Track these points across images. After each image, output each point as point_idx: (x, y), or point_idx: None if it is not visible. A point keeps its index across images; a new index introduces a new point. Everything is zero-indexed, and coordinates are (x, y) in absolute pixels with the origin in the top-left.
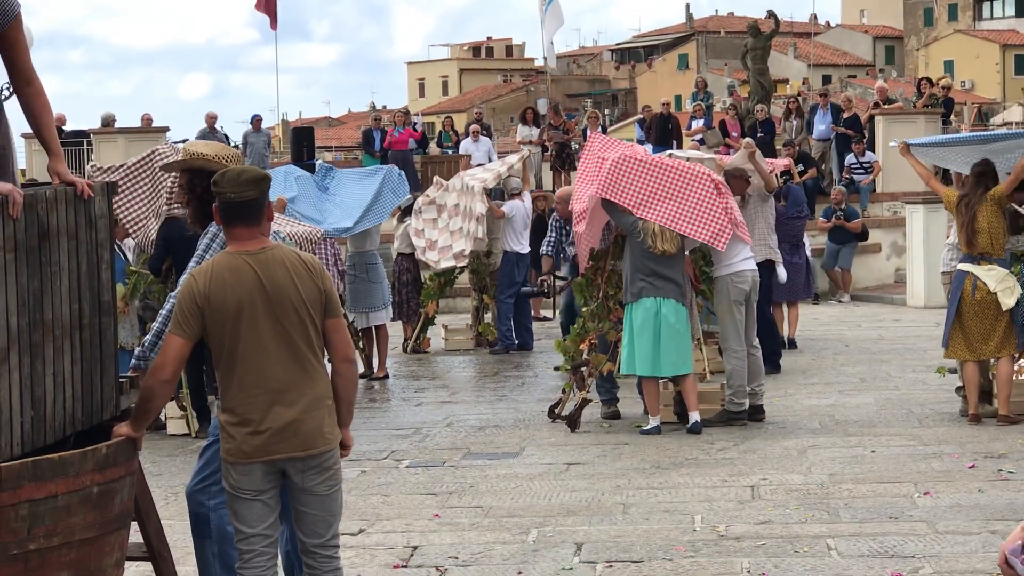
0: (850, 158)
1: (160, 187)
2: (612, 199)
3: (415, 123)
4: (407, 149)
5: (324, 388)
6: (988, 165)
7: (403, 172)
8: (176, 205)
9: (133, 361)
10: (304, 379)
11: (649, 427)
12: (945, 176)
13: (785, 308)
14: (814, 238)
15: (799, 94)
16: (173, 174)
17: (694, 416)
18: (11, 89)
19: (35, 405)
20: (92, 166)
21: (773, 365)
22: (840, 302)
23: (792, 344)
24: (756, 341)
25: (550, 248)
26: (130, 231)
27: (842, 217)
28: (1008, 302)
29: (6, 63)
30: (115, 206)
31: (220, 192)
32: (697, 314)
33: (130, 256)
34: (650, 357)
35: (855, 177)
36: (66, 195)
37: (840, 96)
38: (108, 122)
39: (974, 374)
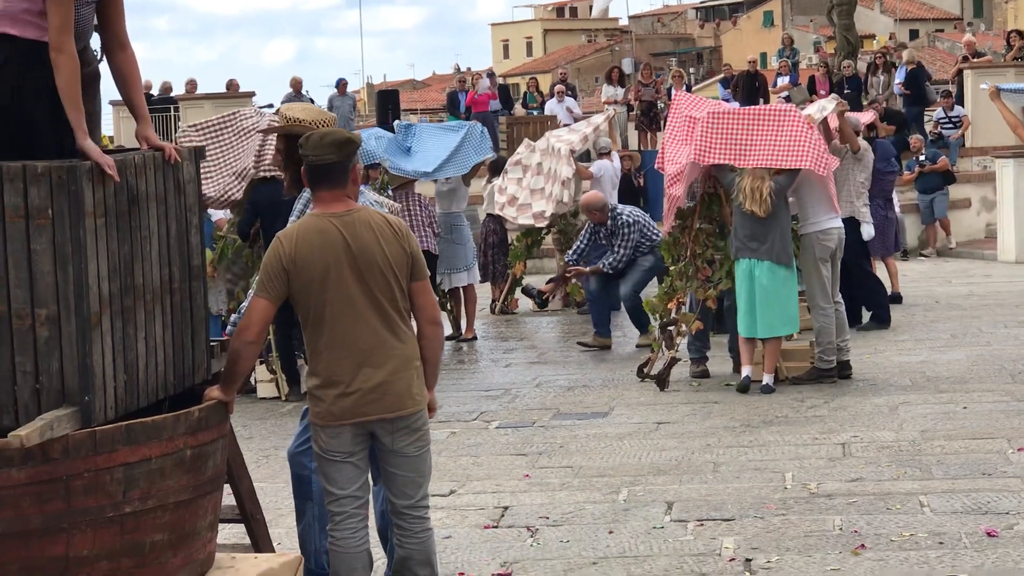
0: (939, 113)
1: (245, 148)
2: (710, 162)
3: (491, 74)
4: (488, 110)
5: (412, 349)
6: None
7: (486, 129)
8: (267, 168)
9: (229, 327)
10: (392, 340)
11: (744, 376)
12: None
13: (880, 264)
14: (903, 193)
15: (885, 49)
16: (261, 137)
17: (767, 378)
18: (98, 57)
19: (128, 369)
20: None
21: (882, 320)
22: (951, 248)
23: (898, 298)
24: (840, 297)
25: (574, 257)
26: (204, 189)
27: (925, 164)
28: None
29: (102, 27)
30: None
31: (304, 155)
32: None
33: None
34: (746, 318)
35: (944, 132)
36: (154, 160)
37: (900, 53)
38: (167, 88)
39: None
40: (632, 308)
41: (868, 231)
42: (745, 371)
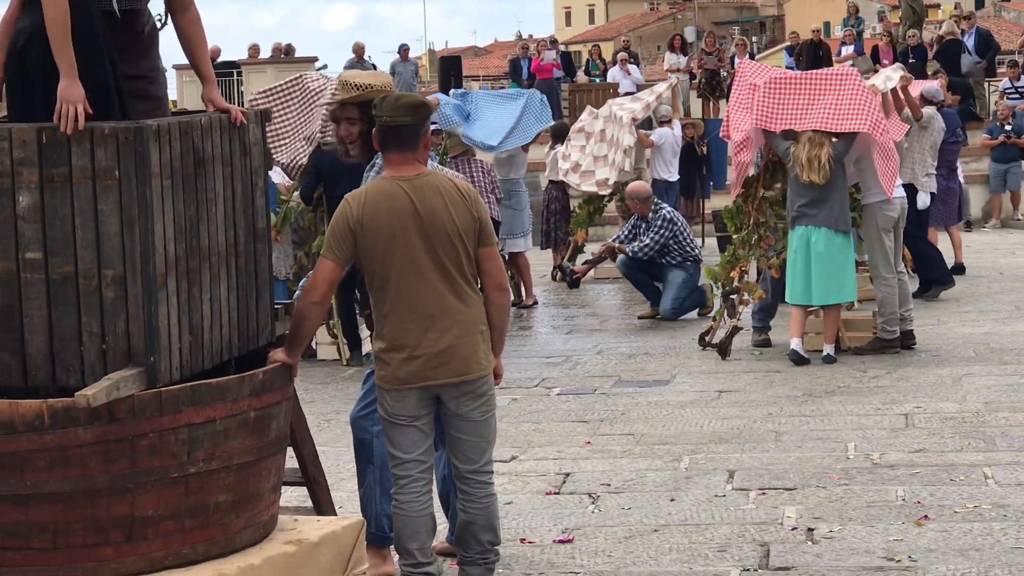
0: (1004, 83)
1: (312, 113)
2: (770, 128)
3: (553, 40)
4: (552, 77)
5: (478, 314)
6: None
7: (545, 97)
8: (330, 133)
9: (297, 292)
10: (458, 305)
11: (791, 350)
12: None
13: (942, 234)
14: (966, 164)
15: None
16: (325, 101)
17: (828, 348)
18: (163, 20)
19: (192, 331)
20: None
21: (944, 280)
22: (1018, 220)
23: (961, 269)
24: (903, 267)
25: (626, 237)
26: (274, 153)
27: (1012, 135)
28: None
29: None
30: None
31: (378, 116)
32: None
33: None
34: (799, 285)
35: (1009, 102)
36: (220, 122)
37: (942, 27)
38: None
39: None
40: (683, 310)
41: (923, 200)
42: (794, 343)
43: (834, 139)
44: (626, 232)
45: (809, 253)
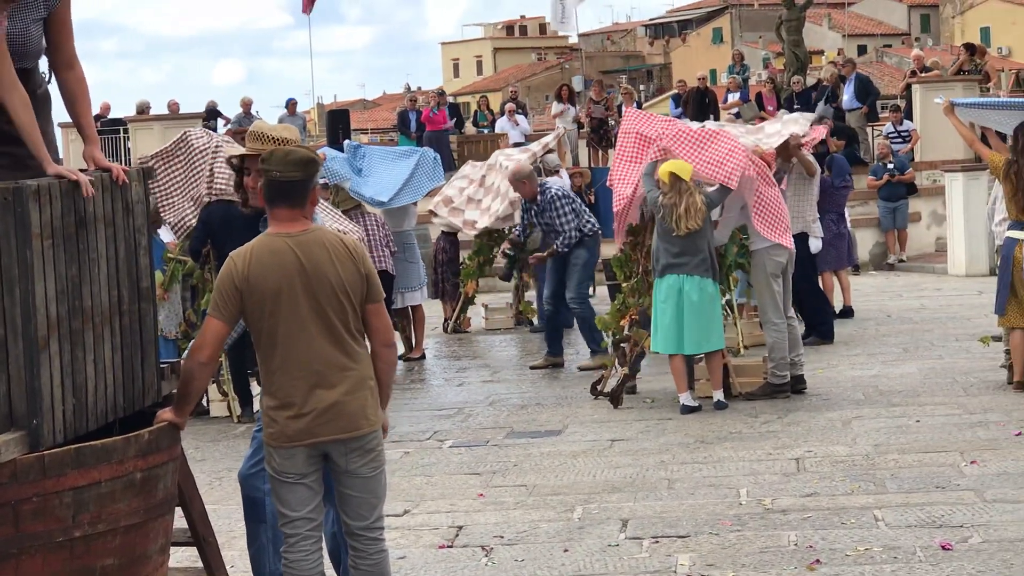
0: (888, 127)
1: (198, 172)
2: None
3: (441, 92)
4: (442, 129)
5: (366, 369)
6: None
7: (439, 156)
8: (218, 191)
9: (187, 353)
10: (345, 361)
11: (681, 406)
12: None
13: (834, 278)
14: (853, 208)
15: (833, 63)
16: (210, 159)
17: (717, 395)
18: (47, 77)
19: (76, 392)
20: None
21: (825, 335)
22: (902, 261)
23: (850, 312)
24: (792, 312)
25: (521, 233)
26: (161, 212)
27: (895, 173)
28: None
29: (50, 44)
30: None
31: (267, 171)
32: (732, 287)
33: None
34: (671, 334)
35: (893, 146)
36: (102, 181)
37: (821, 72)
38: (143, 109)
39: (1021, 342)
40: (582, 318)
41: (816, 245)
42: (683, 399)
43: (708, 187)
44: (524, 219)
45: (681, 302)
